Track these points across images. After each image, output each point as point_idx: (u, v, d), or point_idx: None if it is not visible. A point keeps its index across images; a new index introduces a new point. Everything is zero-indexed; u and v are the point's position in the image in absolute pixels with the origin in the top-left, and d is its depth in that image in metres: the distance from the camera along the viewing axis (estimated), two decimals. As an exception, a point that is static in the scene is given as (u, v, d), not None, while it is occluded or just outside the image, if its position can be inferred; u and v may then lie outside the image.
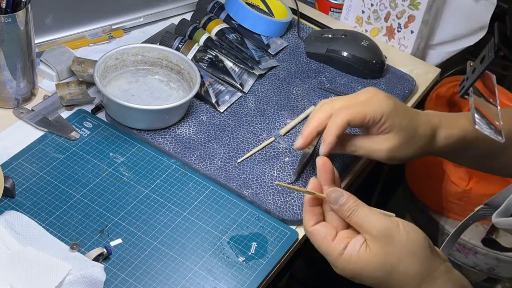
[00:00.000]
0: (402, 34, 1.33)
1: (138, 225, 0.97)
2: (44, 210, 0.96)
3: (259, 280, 0.92)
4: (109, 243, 0.93)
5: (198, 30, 1.24)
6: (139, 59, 1.15)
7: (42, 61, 1.16)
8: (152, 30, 1.30)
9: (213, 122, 1.12)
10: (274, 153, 1.09)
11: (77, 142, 1.06)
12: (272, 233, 0.98)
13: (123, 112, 1.07)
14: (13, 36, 1.03)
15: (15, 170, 1.01)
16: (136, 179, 1.03)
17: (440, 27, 1.36)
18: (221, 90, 1.16)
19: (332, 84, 1.23)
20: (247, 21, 1.27)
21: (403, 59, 1.33)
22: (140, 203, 0.99)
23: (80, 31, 1.23)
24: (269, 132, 1.12)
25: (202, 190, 1.02)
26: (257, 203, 1.01)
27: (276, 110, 1.16)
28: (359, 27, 1.38)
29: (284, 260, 0.97)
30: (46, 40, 1.19)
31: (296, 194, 1.03)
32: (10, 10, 1.03)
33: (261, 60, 1.22)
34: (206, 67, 1.19)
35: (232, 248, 0.96)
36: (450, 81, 1.66)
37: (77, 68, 1.14)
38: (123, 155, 1.06)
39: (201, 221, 0.98)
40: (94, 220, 0.96)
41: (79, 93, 1.13)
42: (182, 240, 0.96)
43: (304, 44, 1.30)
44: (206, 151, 1.07)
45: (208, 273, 0.92)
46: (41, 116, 1.09)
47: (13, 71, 1.07)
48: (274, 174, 1.05)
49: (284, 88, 1.21)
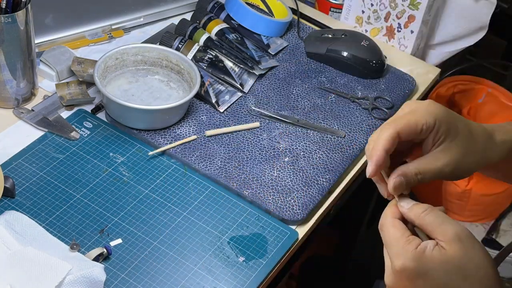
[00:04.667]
0: (402, 34, 1.33)
1: (138, 225, 0.97)
2: (44, 210, 0.96)
3: (259, 280, 0.92)
4: (109, 243, 0.93)
5: (198, 30, 1.24)
6: (139, 59, 1.15)
7: (42, 61, 1.16)
8: (152, 30, 1.30)
9: (213, 122, 1.12)
10: (274, 153, 1.09)
11: (77, 142, 1.06)
12: (272, 233, 0.98)
13: (123, 112, 1.07)
14: (13, 36, 1.03)
15: (15, 170, 1.01)
16: (136, 179, 1.03)
17: (440, 27, 1.36)
18: (221, 90, 1.16)
19: (332, 84, 1.23)
20: (247, 21, 1.27)
21: (403, 59, 1.33)
22: (140, 203, 0.99)
23: (80, 31, 1.23)
24: (269, 132, 1.12)
25: (202, 190, 1.02)
26: (257, 203, 1.01)
27: (276, 110, 1.16)
28: (359, 27, 1.38)
29: (284, 260, 0.97)
30: (46, 40, 1.19)
31: (296, 194, 1.03)
32: (10, 10, 1.03)
33: (261, 60, 1.22)
34: (206, 67, 1.19)
35: (232, 248, 0.96)
36: (450, 81, 1.66)
37: (77, 68, 1.14)
38: (123, 155, 1.06)
39: (201, 221, 0.98)
40: (94, 220, 0.96)
41: (79, 93, 1.13)
42: (182, 240, 0.96)
43: (304, 44, 1.30)
44: (206, 151, 1.07)
45: (208, 273, 0.92)
46: (41, 116, 1.09)
47: (13, 71, 1.07)
48: (274, 174, 1.05)
49: (284, 88, 1.21)
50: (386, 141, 0.75)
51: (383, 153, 0.74)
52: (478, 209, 1.60)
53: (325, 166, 1.08)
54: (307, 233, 1.01)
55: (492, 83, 1.67)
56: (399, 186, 0.75)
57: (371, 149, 0.75)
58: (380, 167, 0.75)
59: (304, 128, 1.14)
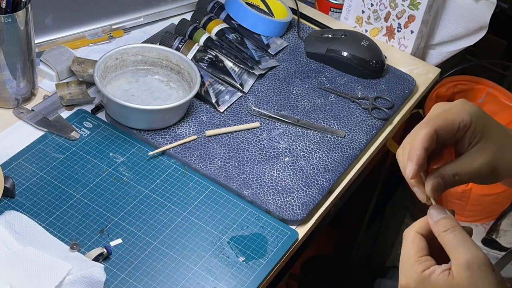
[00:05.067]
0: (402, 34, 1.33)
1: (138, 225, 0.97)
2: (44, 210, 0.96)
3: (259, 280, 0.92)
4: (109, 243, 0.93)
5: (198, 30, 1.24)
6: (139, 59, 1.15)
7: (42, 61, 1.16)
8: (152, 30, 1.30)
9: (213, 122, 1.12)
10: (274, 153, 1.09)
11: (77, 142, 1.06)
12: (272, 233, 0.98)
13: (123, 112, 1.07)
14: (13, 36, 1.03)
15: (15, 170, 1.01)
16: (136, 179, 1.03)
17: (440, 27, 1.36)
18: (221, 90, 1.16)
19: (332, 84, 1.23)
20: (247, 21, 1.27)
21: (403, 59, 1.33)
22: (140, 203, 0.99)
23: (80, 31, 1.23)
24: (269, 132, 1.12)
25: (202, 190, 1.02)
26: (257, 203, 1.01)
27: (276, 110, 1.16)
28: (359, 27, 1.38)
29: (284, 260, 0.97)
30: (46, 40, 1.19)
31: (296, 194, 1.03)
32: (10, 10, 1.03)
33: (261, 60, 1.22)
34: (206, 67, 1.19)
35: (232, 248, 0.96)
36: (450, 81, 1.66)
37: (77, 68, 1.14)
38: (123, 155, 1.06)
39: (201, 221, 0.98)
40: (94, 220, 0.96)
41: (79, 93, 1.13)
42: (182, 240, 0.96)
43: (304, 44, 1.30)
44: (206, 151, 1.07)
45: (208, 273, 0.92)
46: (41, 116, 1.09)
47: (13, 71, 1.07)
48: (274, 174, 1.05)
49: (284, 88, 1.21)
50: (425, 139, 0.72)
51: (423, 152, 0.72)
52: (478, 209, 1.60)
53: (325, 166, 1.08)
54: (307, 233, 1.01)
55: (492, 83, 1.67)
56: (437, 187, 0.72)
57: (410, 150, 0.72)
58: (421, 166, 0.72)
59: (304, 128, 1.14)
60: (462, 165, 0.74)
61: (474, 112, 0.74)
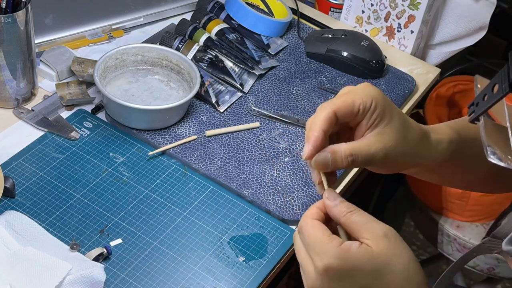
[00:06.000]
0: (402, 34, 1.33)
1: (138, 225, 0.97)
2: (44, 210, 0.96)
3: (259, 280, 0.92)
4: (109, 243, 0.93)
5: (198, 30, 1.24)
6: (139, 59, 1.15)
7: (42, 61, 1.16)
8: (152, 30, 1.30)
9: (213, 122, 1.12)
10: (274, 153, 1.09)
11: (77, 142, 1.07)
12: (272, 233, 0.98)
13: (123, 112, 1.07)
14: (13, 36, 1.03)
15: (15, 170, 1.01)
16: (136, 179, 1.03)
17: (440, 27, 1.36)
18: (221, 90, 1.16)
19: (332, 84, 1.23)
20: (247, 21, 1.27)
21: (403, 59, 1.33)
22: (140, 203, 0.99)
23: (80, 31, 1.23)
24: (269, 132, 1.12)
25: (202, 190, 1.02)
26: (257, 203, 1.01)
27: (276, 110, 1.16)
28: (359, 27, 1.38)
29: (284, 260, 0.97)
30: (46, 40, 1.19)
31: (296, 194, 1.03)
32: (10, 10, 1.03)
33: (261, 60, 1.22)
34: (206, 67, 1.19)
35: (232, 248, 0.96)
36: (450, 81, 1.66)
37: (77, 68, 1.14)
38: (123, 155, 1.06)
39: (201, 221, 0.98)
40: (94, 220, 0.96)
41: (79, 93, 1.13)
42: (182, 240, 0.96)
43: (304, 44, 1.30)
44: (206, 151, 1.07)
45: (208, 273, 0.92)
46: (41, 116, 1.09)
47: (13, 71, 1.07)
48: (274, 174, 1.05)
49: (284, 88, 1.21)
50: (323, 121, 0.72)
51: (320, 134, 0.71)
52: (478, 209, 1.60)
53: (325, 166, 1.08)
54: (307, 233, 1.01)
55: (492, 83, 1.67)
56: (323, 161, 0.71)
57: (308, 131, 0.72)
58: (317, 148, 0.72)
59: (304, 128, 1.14)
60: (358, 147, 0.73)
61: (375, 95, 0.74)
